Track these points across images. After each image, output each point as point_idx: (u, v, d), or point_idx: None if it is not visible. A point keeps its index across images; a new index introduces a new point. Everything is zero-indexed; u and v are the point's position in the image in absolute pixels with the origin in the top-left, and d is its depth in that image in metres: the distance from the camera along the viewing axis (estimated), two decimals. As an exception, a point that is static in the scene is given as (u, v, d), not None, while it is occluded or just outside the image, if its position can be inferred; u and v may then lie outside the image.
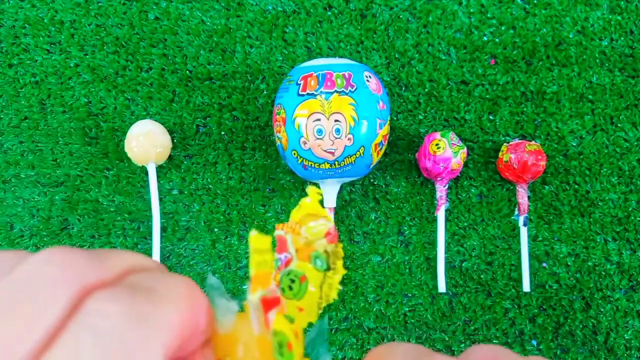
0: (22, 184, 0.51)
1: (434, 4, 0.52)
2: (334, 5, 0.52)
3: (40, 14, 0.53)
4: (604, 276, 0.49)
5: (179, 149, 0.52)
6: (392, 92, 0.51)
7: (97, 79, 0.52)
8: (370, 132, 0.43)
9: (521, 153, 0.47)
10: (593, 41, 0.51)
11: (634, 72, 0.51)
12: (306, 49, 0.52)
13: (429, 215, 0.50)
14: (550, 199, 0.50)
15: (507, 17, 0.51)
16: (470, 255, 0.50)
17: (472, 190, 0.50)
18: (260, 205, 0.51)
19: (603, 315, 0.49)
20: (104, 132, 0.52)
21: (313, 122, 0.42)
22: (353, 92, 0.42)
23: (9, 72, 0.52)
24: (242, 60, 0.52)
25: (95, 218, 0.51)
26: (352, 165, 0.44)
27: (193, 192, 0.51)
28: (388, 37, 0.52)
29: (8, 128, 0.52)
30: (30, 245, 0.51)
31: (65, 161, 0.52)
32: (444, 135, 0.47)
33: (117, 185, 0.51)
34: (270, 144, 0.51)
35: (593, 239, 0.49)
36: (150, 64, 0.52)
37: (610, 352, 0.48)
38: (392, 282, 0.50)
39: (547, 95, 0.51)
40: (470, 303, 0.49)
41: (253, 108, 0.52)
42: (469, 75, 0.51)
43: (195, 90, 0.52)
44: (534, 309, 0.49)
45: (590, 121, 0.51)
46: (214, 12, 0.52)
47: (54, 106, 0.52)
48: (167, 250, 0.51)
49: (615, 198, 0.50)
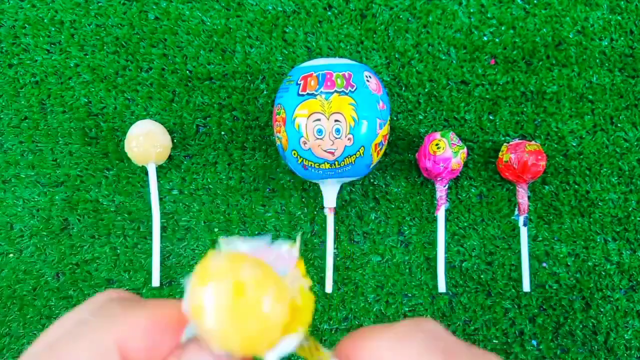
0: (22, 184, 0.51)
1: (434, 4, 0.52)
2: (334, 5, 0.52)
3: (40, 14, 0.53)
4: (604, 276, 0.49)
5: (179, 149, 0.52)
6: (392, 92, 0.51)
7: (97, 79, 0.52)
8: (370, 132, 0.43)
9: (521, 153, 0.47)
10: (593, 41, 0.51)
11: (634, 72, 0.51)
12: (306, 49, 0.52)
13: (429, 215, 0.50)
14: (550, 199, 0.50)
15: (507, 17, 0.51)
16: (470, 255, 0.50)
17: (472, 190, 0.50)
18: (260, 205, 0.51)
19: (603, 315, 0.49)
20: (104, 132, 0.52)
21: (313, 122, 0.42)
22: (353, 92, 0.42)
23: (9, 72, 0.52)
24: (242, 60, 0.52)
25: (95, 218, 0.51)
26: (352, 165, 0.44)
27: (193, 192, 0.51)
28: (388, 37, 0.52)
29: (8, 128, 0.52)
30: (30, 245, 0.51)
31: (65, 161, 0.52)
32: (444, 135, 0.47)
33: (117, 185, 0.51)
34: (270, 144, 0.51)
35: (593, 239, 0.49)
36: (150, 64, 0.52)
37: (610, 352, 0.48)
38: (392, 282, 0.50)
39: (547, 95, 0.51)
40: (470, 303, 0.49)
41: (253, 108, 0.52)
42: (469, 75, 0.51)
43: (195, 90, 0.52)
44: (534, 309, 0.49)
45: (590, 121, 0.51)
46: (214, 12, 0.52)
47: (54, 106, 0.52)
48: (167, 250, 0.51)
49: (615, 198, 0.50)
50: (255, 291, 0.16)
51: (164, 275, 0.50)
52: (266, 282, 0.17)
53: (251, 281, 0.16)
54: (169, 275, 0.50)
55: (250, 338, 0.16)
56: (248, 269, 0.17)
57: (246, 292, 0.16)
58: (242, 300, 0.16)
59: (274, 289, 0.17)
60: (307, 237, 0.51)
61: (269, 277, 0.17)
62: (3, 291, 0.51)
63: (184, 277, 0.51)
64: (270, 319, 0.17)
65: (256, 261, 0.17)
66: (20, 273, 0.51)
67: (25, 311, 0.50)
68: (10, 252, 0.51)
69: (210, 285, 0.16)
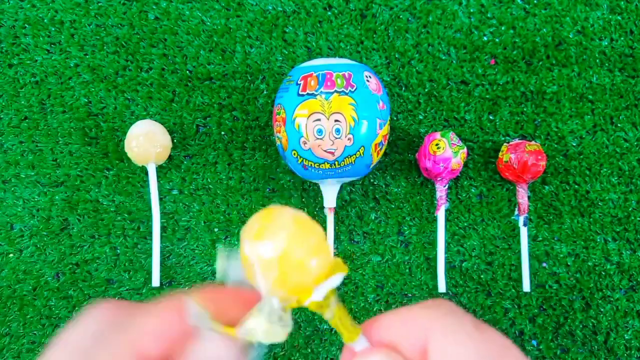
0: (22, 184, 0.51)
1: (434, 4, 0.52)
2: (334, 5, 0.52)
3: (40, 14, 0.53)
4: (604, 276, 0.49)
5: (179, 149, 0.52)
6: (392, 92, 0.51)
7: (97, 79, 0.52)
8: (370, 132, 0.43)
9: (521, 153, 0.47)
10: (593, 41, 0.51)
11: (634, 72, 0.51)
12: (306, 49, 0.52)
13: (429, 215, 0.50)
14: (550, 199, 0.50)
15: (507, 17, 0.51)
16: (470, 255, 0.50)
17: (472, 190, 0.50)
18: (260, 205, 0.51)
19: (603, 315, 0.49)
20: (104, 132, 0.52)
21: (313, 122, 0.42)
22: (353, 92, 0.42)
23: (9, 72, 0.52)
24: (242, 60, 0.52)
25: (95, 218, 0.51)
26: (352, 165, 0.44)
27: (193, 192, 0.51)
28: (388, 37, 0.52)
29: (8, 128, 0.52)
30: (30, 245, 0.51)
31: (65, 161, 0.52)
32: (444, 135, 0.47)
33: (117, 185, 0.51)
34: (270, 144, 0.51)
35: (593, 239, 0.49)
36: (150, 64, 0.52)
37: (610, 352, 0.48)
38: (392, 282, 0.50)
39: (547, 95, 0.51)
40: (470, 303, 0.49)
41: (253, 108, 0.52)
42: (469, 75, 0.51)
43: (195, 90, 0.52)
44: (534, 309, 0.49)
45: (590, 121, 0.51)
46: (214, 12, 0.52)
47: (54, 106, 0.52)
48: (167, 250, 0.51)
49: (615, 198, 0.50)
50: (306, 228, 0.19)
51: (164, 275, 0.50)
52: (313, 226, 0.20)
53: (303, 220, 0.19)
54: (169, 275, 0.50)
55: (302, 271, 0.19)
56: (296, 212, 0.19)
57: (303, 224, 0.19)
58: (299, 232, 0.19)
59: (321, 234, 0.20)
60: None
61: (315, 225, 0.20)
62: (3, 291, 0.51)
63: (184, 277, 0.51)
64: (320, 253, 0.19)
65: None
66: (20, 273, 0.51)
67: (25, 311, 0.50)
68: (10, 252, 0.51)
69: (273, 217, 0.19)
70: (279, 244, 0.18)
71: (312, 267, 0.19)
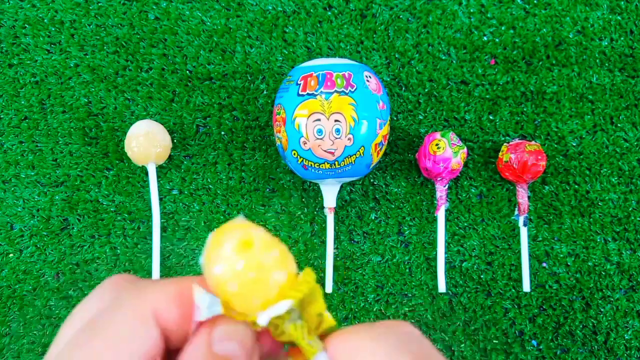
0: (22, 184, 0.51)
1: (434, 4, 0.52)
2: (334, 5, 0.52)
3: (40, 14, 0.53)
4: (604, 276, 0.49)
5: (179, 149, 0.52)
6: (392, 92, 0.51)
7: (97, 79, 0.52)
8: (370, 132, 0.43)
9: (521, 153, 0.47)
10: (593, 41, 0.51)
11: (634, 72, 0.51)
12: (306, 49, 0.52)
13: (429, 215, 0.50)
14: (550, 199, 0.50)
15: (507, 17, 0.51)
16: (470, 255, 0.50)
17: (472, 190, 0.50)
18: (260, 205, 0.51)
19: (603, 315, 0.49)
20: (104, 132, 0.52)
21: (313, 122, 0.42)
22: (353, 92, 0.42)
23: (9, 72, 0.52)
24: (242, 60, 0.52)
25: (95, 218, 0.51)
26: (352, 165, 0.44)
27: (193, 192, 0.51)
28: (388, 37, 0.52)
29: (8, 128, 0.52)
30: (30, 245, 0.51)
31: (65, 161, 0.52)
32: (444, 135, 0.47)
33: (117, 185, 0.51)
34: (270, 144, 0.51)
35: (593, 239, 0.49)
36: (150, 64, 0.52)
37: (610, 352, 0.48)
38: (392, 282, 0.50)
39: (547, 95, 0.51)
40: (470, 303, 0.49)
41: (253, 108, 0.52)
42: (469, 75, 0.51)
43: (195, 90, 0.52)
44: (534, 309, 0.49)
45: (590, 121, 0.51)
46: (214, 12, 0.52)
47: (54, 106, 0.52)
48: (167, 250, 0.51)
49: (615, 198, 0.50)
50: (261, 247, 0.18)
51: (164, 275, 0.50)
52: (272, 243, 0.18)
53: (259, 238, 0.18)
54: (169, 275, 0.50)
55: (249, 289, 0.18)
56: (258, 231, 0.19)
57: (254, 245, 0.18)
58: (249, 252, 0.18)
59: (278, 252, 0.18)
60: (307, 238, 0.51)
61: (274, 243, 0.19)
62: (3, 291, 0.51)
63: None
64: (272, 275, 0.18)
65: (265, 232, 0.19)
66: (20, 273, 0.51)
67: (25, 311, 0.50)
68: (10, 252, 0.51)
69: (223, 237, 0.18)
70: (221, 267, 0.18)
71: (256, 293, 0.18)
